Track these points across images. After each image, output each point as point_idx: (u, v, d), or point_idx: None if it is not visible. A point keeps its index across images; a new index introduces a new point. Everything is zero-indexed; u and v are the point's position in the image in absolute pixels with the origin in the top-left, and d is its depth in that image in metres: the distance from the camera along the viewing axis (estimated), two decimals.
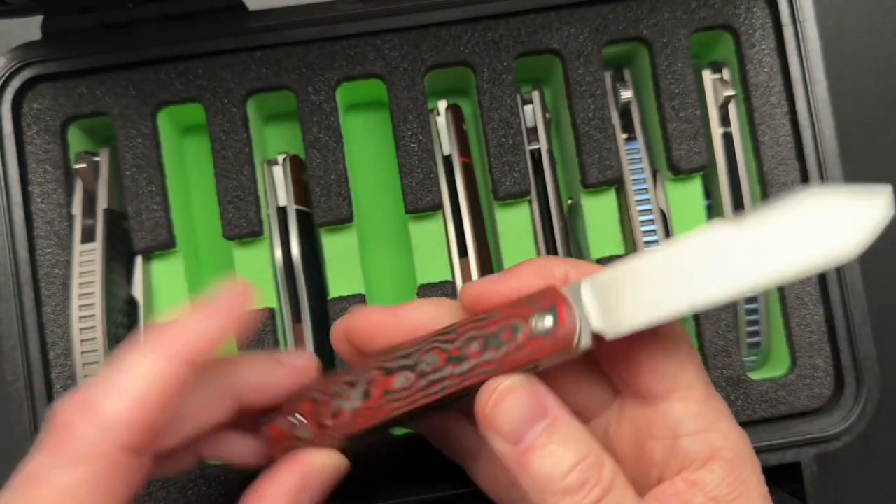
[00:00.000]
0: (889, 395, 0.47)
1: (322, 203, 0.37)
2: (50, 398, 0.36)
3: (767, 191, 0.38)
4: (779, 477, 0.38)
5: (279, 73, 0.38)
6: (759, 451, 0.36)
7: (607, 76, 0.39)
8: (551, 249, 0.39)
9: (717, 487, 0.23)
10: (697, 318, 0.37)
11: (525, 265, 0.26)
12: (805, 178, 0.38)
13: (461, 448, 0.31)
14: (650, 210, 0.38)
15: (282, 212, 0.38)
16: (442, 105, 0.39)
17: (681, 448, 0.24)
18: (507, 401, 0.24)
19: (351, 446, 0.27)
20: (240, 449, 0.28)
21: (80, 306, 0.35)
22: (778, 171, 0.38)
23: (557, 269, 0.26)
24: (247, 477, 0.27)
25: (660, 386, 0.25)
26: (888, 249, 0.47)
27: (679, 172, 0.38)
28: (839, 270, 0.37)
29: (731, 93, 0.38)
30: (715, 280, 0.22)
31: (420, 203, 0.37)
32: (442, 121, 0.39)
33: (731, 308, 0.37)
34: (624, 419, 0.26)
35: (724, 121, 0.39)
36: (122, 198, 0.37)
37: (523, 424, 0.23)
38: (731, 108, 0.39)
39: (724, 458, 0.24)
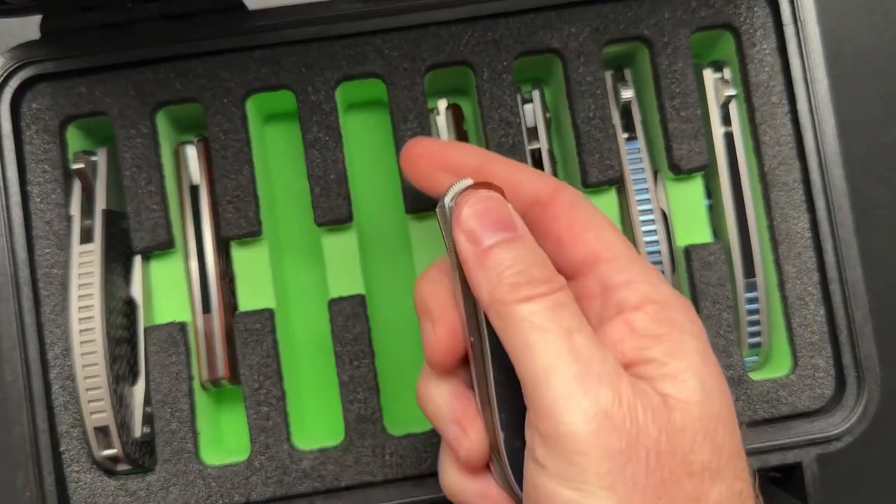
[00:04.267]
0: (891, 395, 0.47)
1: (322, 203, 0.37)
2: (48, 398, 0.36)
3: (768, 190, 0.38)
4: (780, 477, 0.38)
5: (279, 72, 0.37)
6: (760, 451, 0.36)
7: (608, 76, 0.39)
8: None
9: (646, 327, 0.25)
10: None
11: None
12: (806, 178, 0.37)
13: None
14: (651, 210, 0.38)
15: None
16: (442, 105, 0.39)
17: (612, 300, 0.26)
18: (481, 204, 0.26)
19: None
20: None
21: (80, 307, 0.35)
22: (779, 171, 0.38)
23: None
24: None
25: (582, 253, 0.27)
26: (889, 249, 0.47)
27: (680, 172, 0.38)
28: (841, 270, 0.37)
29: (731, 92, 0.38)
30: None
31: (420, 203, 0.37)
32: (442, 120, 0.39)
33: (732, 308, 0.37)
34: None
35: (725, 120, 0.39)
36: (122, 197, 0.37)
37: (491, 226, 0.25)
38: (732, 107, 0.39)
39: (653, 301, 0.25)
